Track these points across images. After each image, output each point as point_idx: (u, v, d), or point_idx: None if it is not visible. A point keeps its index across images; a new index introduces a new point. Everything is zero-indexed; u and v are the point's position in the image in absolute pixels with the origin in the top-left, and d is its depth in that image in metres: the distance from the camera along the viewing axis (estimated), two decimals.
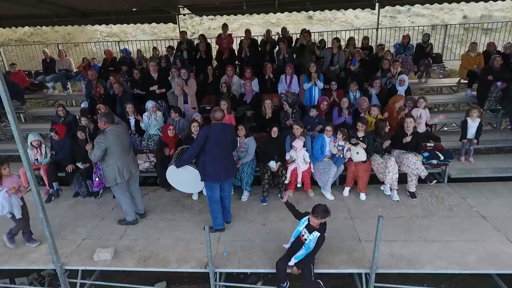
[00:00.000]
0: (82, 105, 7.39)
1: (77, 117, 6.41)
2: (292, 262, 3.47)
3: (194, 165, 4.12)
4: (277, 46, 7.97)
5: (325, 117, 6.03)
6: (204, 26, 12.94)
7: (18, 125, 3.26)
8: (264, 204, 4.99)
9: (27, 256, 4.02)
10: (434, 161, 5.27)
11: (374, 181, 5.26)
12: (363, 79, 7.10)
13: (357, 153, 4.97)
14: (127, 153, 4.23)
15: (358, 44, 9.06)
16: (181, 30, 8.93)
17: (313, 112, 5.81)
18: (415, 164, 4.87)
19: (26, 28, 13.30)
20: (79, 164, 5.38)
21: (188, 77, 6.47)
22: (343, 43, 8.65)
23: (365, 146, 4.93)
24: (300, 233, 3.44)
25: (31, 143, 5.38)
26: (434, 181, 5.11)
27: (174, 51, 8.63)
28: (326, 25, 13.50)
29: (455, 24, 10.96)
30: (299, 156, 5.00)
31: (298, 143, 4.99)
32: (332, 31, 11.13)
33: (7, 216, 4.04)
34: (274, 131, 5.14)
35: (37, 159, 5.42)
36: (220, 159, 3.97)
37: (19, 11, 8.42)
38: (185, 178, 4.25)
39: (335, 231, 4.22)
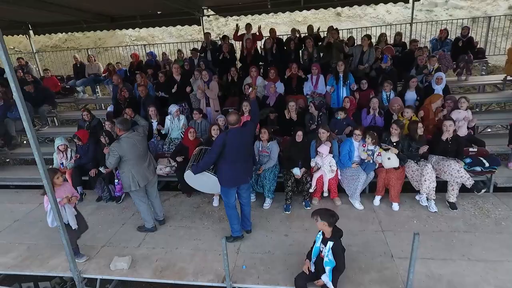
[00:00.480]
0: (108, 109, 7.48)
1: (102, 121, 6.49)
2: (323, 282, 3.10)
3: (212, 170, 3.94)
4: (303, 45, 7.64)
5: (354, 119, 5.65)
6: (229, 27, 12.82)
7: (34, 130, 3.24)
8: (287, 212, 4.71)
9: (48, 262, 4.02)
10: (478, 168, 4.74)
11: (408, 189, 4.82)
12: (395, 78, 6.61)
13: (389, 158, 4.55)
14: (142, 160, 4.12)
15: (390, 40, 8.51)
16: (204, 32, 8.84)
17: (341, 115, 5.44)
18: (458, 172, 4.38)
19: (61, 34, 13.91)
20: (101, 169, 5.39)
21: (210, 79, 6.34)
22: (373, 40, 8.15)
23: (397, 151, 4.51)
24: (319, 249, 3.12)
25: (57, 147, 5.47)
26: (483, 190, 4.60)
27: (198, 53, 8.56)
28: (355, 21, 12.92)
29: (499, 15, 10.03)
30: (325, 163, 4.67)
31: (323, 149, 4.66)
32: (361, 28, 10.60)
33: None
34: (299, 135, 4.84)
35: (62, 163, 5.50)
36: (238, 164, 3.79)
37: (51, 18, 8.75)
38: (203, 182, 4.10)
39: (364, 245, 3.87)
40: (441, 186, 4.64)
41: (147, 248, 4.14)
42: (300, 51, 7.58)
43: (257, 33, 7.95)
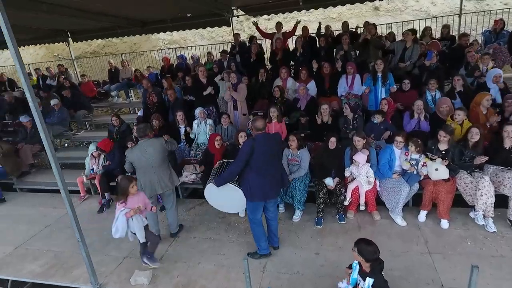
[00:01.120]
0: (138, 113, 7.51)
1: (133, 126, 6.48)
2: None
3: (236, 182, 3.65)
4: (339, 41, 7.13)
5: (393, 123, 5.10)
6: (260, 28, 12.54)
7: (50, 138, 3.14)
8: (318, 227, 4.30)
9: (72, 272, 3.97)
10: None
11: (460, 201, 4.21)
12: (442, 76, 5.93)
13: (436, 169, 3.98)
14: (152, 171, 3.95)
15: (436, 35, 7.74)
16: (234, 33, 8.62)
17: (378, 118, 4.93)
18: None
19: (99, 41, 14.46)
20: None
21: (238, 81, 6.08)
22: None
23: (446, 163, 3.92)
24: (356, 281, 2.70)
25: (91, 153, 5.52)
26: None
27: (228, 55, 8.36)
28: (395, 16, 12.07)
29: None
30: (361, 173, 4.21)
31: (360, 157, 4.20)
32: (402, 22, 9.82)
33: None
34: (332, 142, 4.42)
35: (92, 169, 5.53)
36: (267, 175, 3.45)
37: (87, 26, 9.00)
38: (226, 197, 3.80)
39: (408, 270, 3.38)
40: (500, 201, 3.99)
41: (169, 261, 3.94)
42: (334, 50, 7.09)
43: (287, 30, 7.60)
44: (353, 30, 7.64)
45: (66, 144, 8.27)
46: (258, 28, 7.88)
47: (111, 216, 5.12)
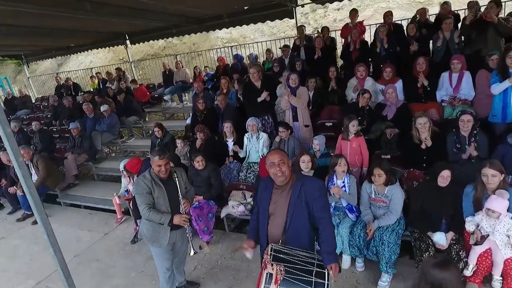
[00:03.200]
0: (187, 121, 6.68)
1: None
2: None
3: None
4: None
5: None
6: (328, 19, 10.99)
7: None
8: None
9: None
10: None
11: None
12: None
13: None
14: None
15: None
16: (298, 25, 7.32)
17: None
18: None
19: (160, 42, 14.33)
20: None
21: (297, 84, 4.79)
22: None
23: None
24: None
25: (122, 170, 4.73)
26: None
27: (290, 50, 7.12)
28: None
29: None
30: (498, 230, 2.63)
31: (497, 204, 2.62)
32: None
33: None
34: (444, 177, 2.89)
35: (127, 190, 4.75)
36: None
37: (144, 27, 8.56)
38: None
39: None
40: None
41: None
42: (431, 41, 5.36)
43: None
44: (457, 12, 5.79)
45: (114, 154, 7.85)
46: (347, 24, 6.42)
47: (144, 248, 4.30)
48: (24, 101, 10.94)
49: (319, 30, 6.70)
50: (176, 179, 2.91)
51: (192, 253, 3.06)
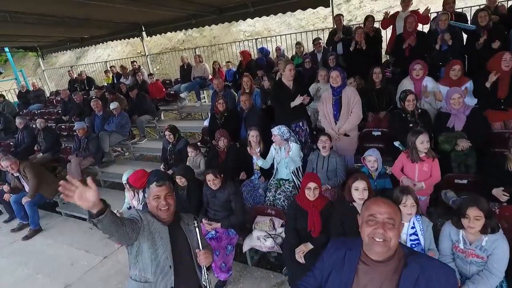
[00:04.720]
0: (204, 123, 5.87)
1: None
2: None
3: None
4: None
5: None
6: (364, 10, 9.87)
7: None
8: None
9: None
10: None
11: None
12: None
13: None
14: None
15: None
16: (334, 15, 6.32)
17: None
18: None
19: (180, 36, 13.61)
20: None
21: (342, 83, 3.84)
22: None
23: None
24: None
25: (125, 183, 3.95)
26: None
27: (324, 44, 6.16)
28: None
29: None
30: None
31: None
32: None
33: None
34: None
35: (129, 207, 3.96)
36: None
37: (160, 16, 7.83)
38: None
39: None
40: None
41: None
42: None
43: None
44: None
45: (123, 157, 7.15)
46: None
47: None
48: (37, 95, 10.45)
49: (366, 17, 5.68)
50: (192, 226, 2.05)
51: None
